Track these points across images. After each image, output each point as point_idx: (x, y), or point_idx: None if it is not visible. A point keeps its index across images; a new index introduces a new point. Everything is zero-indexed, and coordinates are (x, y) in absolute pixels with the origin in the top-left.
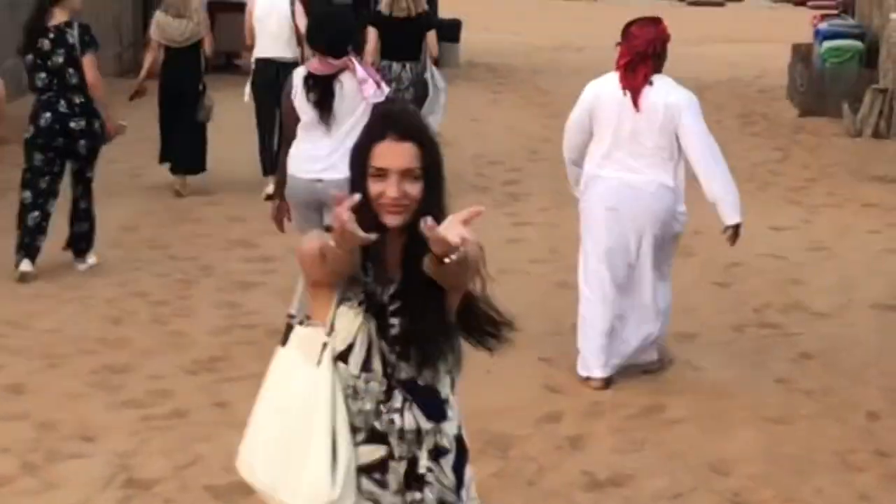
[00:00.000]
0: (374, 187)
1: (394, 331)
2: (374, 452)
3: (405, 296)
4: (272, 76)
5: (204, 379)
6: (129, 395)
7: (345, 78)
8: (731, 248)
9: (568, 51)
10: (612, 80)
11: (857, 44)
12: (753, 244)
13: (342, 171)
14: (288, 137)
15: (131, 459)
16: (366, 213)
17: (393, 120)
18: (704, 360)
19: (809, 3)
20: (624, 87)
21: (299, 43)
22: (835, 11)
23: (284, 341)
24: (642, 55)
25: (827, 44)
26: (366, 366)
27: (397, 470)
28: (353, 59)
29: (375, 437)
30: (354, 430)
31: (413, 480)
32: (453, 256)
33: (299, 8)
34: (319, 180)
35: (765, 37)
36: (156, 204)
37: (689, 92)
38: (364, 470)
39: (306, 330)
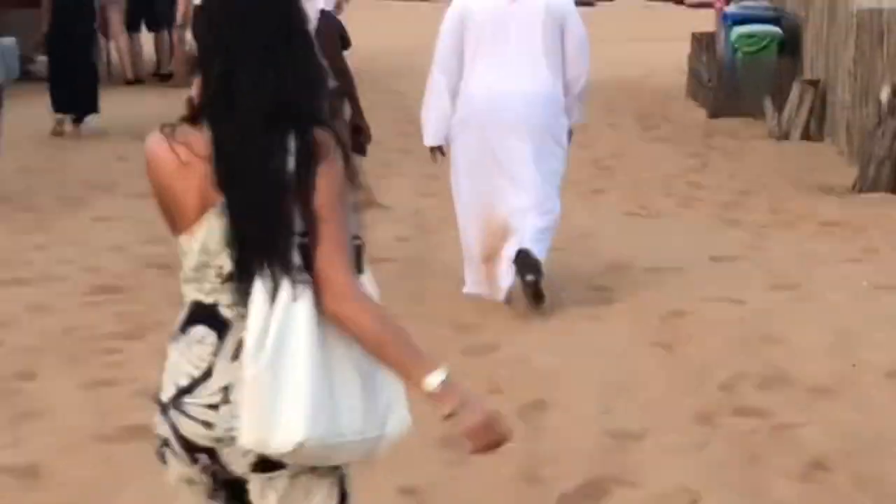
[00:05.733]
0: None
1: None
2: None
3: None
4: None
5: None
6: None
7: None
8: (666, 289)
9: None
10: None
11: (775, 29)
12: (696, 282)
13: None
14: None
15: None
16: None
17: None
18: (665, 478)
19: (687, 1)
20: None
21: None
22: None
23: None
24: None
25: (738, 30)
26: None
27: None
28: None
29: None
30: None
31: None
32: None
33: None
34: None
35: (644, 35)
36: None
37: None
38: None
39: None
